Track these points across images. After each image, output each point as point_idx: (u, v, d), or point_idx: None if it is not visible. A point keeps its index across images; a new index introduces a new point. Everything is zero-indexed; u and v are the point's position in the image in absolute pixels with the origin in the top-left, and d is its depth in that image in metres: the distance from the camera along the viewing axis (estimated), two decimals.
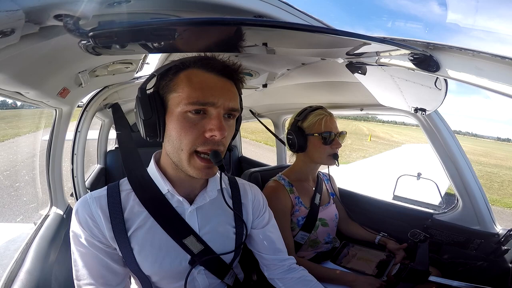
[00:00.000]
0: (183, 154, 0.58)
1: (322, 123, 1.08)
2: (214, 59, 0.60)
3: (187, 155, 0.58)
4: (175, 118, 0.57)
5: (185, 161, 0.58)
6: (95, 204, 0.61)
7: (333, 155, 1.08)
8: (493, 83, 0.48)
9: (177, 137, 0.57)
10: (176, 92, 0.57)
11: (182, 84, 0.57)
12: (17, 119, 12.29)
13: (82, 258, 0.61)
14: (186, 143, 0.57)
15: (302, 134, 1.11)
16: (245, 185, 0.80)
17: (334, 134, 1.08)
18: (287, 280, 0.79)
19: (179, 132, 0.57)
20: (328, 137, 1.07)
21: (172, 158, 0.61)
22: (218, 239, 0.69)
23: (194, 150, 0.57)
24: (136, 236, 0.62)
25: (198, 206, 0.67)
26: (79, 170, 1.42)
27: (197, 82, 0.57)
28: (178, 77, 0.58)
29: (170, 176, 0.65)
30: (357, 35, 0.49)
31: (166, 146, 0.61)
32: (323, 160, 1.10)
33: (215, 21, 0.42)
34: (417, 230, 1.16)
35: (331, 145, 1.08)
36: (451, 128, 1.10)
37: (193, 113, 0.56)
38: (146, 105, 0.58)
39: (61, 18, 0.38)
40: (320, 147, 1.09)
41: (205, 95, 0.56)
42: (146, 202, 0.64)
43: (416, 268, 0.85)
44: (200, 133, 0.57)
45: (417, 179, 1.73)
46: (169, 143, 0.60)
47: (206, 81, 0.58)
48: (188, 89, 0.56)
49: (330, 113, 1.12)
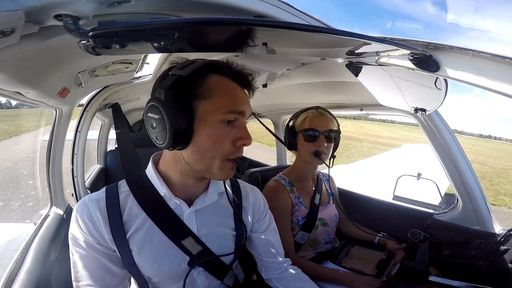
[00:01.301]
0: (215, 161, 0.58)
1: (307, 121, 1.09)
2: (235, 68, 0.61)
3: (219, 163, 0.59)
4: (210, 127, 0.56)
5: (216, 167, 0.59)
6: (93, 206, 0.61)
7: (314, 152, 1.08)
8: (493, 83, 0.48)
9: (211, 146, 0.57)
10: (209, 99, 0.56)
11: (217, 92, 0.56)
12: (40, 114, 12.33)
13: (81, 260, 0.61)
14: (221, 152, 0.58)
15: (293, 133, 1.13)
16: (247, 188, 0.80)
17: (319, 132, 1.07)
18: (282, 278, 0.81)
19: (214, 141, 0.57)
20: (309, 135, 1.08)
21: (196, 165, 0.59)
22: (216, 241, 0.69)
23: (227, 158, 0.59)
24: (134, 238, 0.62)
25: (197, 209, 0.67)
26: (79, 170, 1.42)
27: (231, 91, 0.58)
28: (209, 83, 0.57)
29: (173, 180, 0.65)
30: (357, 35, 0.49)
31: (187, 154, 0.59)
32: (307, 158, 1.11)
33: (215, 21, 0.42)
34: (417, 230, 1.16)
35: (314, 142, 1.08)
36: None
37: (227, 122, 0.57)
38: (177, 112, 0.53)
39: (61, 18, 0.38)
40: (304, 144, 1.10)
41: (239, 104, 0.58)
42: (144, 204, 0.64)
43: (416, 268, 0.85)
44: (231, 141, 0.58)
45: (417, 179, 1.73)
46: (196, 152, 0.58)
47: (236, 90, 0.60)
48: (224, 97, 0.57)
49: (322, 112, 1.12)
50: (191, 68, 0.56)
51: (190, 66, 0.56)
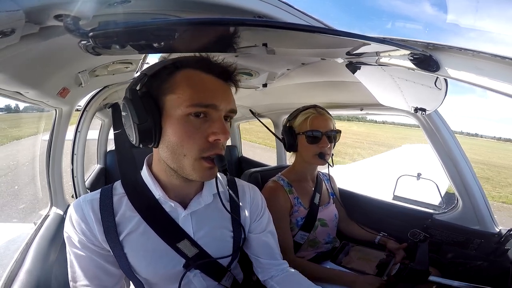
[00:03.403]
0: (186, 160, 0.56)
1: (308, 122, 1.08)
2: (210, 60, 0.59)
3: (192, 161, 0.56)
4: (175, 122, 0.54)
5: (188, 166, 0.56)
6: (87, 207, 0.61)
7: (319, 154, 1.07)
8: (493, 82, 0.48)
9: (178, 143, 0.55)
10: (174, 94, 0.54)
11: (182, 85, 0.54)
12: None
13: (77, 260, 0.61)
14: (190, 149, 0.55)
15: (292, 134, 1.11)
16: (244, 187, 0.79)
17: (322, 133, 1.07)
18: (279, 280, 0.80)
19: (181, 137, 0.54)
20: (312, 136, 1.06)
21: (170, 164, 0.58)
22: (214, 243, 0.68)
23: (200, 156, 0.56)
24: (128, 241, 0.62)
25: (192, 211, 0.66)
26: (79, 170, 1.42)
27: (198, 83, 0.55)
28: (175, 78, 0.55)
29: (163, 181, 0.64)
30: (357, 35, 0.49)
31: (161, 152, 0.58)
32: (310, 159, 1.10)
33: (215, 21, 0.42)
34: (417, 230, 1.16)
35: (317, 144, 1.07)
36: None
37: (194, 116, 0.54)
38: (140, 107, 0.53)
39: (61, 18, 0.38)
40: (306, 146, 1.09)
41: (207, 97, 0.55)
42: (139, 206, 0.63)
43: (416, 268, 0.85)
44: (203, 137, 0.55)
45: (417, 179, 1.73)
46: (166, 149, 0.56)
47: (206, 83, 0.56)
48: (189, 90, 0.54)
49: (321, 112, 1.11)
50: (157, 66, 0.56)
51: (157, 64, 0.57)
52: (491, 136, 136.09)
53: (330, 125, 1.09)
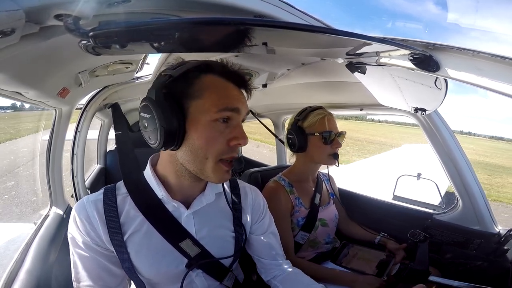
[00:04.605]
0: (208, 162, 0.57)
1: (322, 123, 1.08)
2: (230, 68, 0.61)
3: (213, 164, 0.57)
4: (201, 126, 0.55)
5: (209, 169, 0.58)
6: (91, 207, 0.61)
7: (334, 154, 1.08)
8: (493, 83, 0.48)
9: (202, 146, 0.56)
10: (201, 99, 0.55)
11: (209, 91, 0.56)
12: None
13: (80, 261, 0.61)
14: (213, 152, 0.56)
15: (303, 134, 1.10)
16: (246, 188, 0.79)
17: (334, 134, 1.08)
18: (283, 280, 0.80)
19: (206, 141, 0.56)
20: (328, 137, 1.07)
21: (190, 166, 0.59)
22: (215, 243, 0.68)
23: (220, 159, 0.58)
24: (132, 240, 0.62)
25: (195, 210, 0.67)
26: (79, 170, 1.42)
27: (223, 89, 0.57)
28: (202, 82, 0.56)
29: (170, 182, 0.64)
30: (357, 35, 0.49)
31: (181, 154, 0.58)
32: (323, 160, 1.10)
33: (215, 21, 0.42)
34: (417, 230, 1.16)
35: (331, 144, 1.08)
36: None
37: (221, 121, 0.56)
38: (167, 110, 0.53)
39: (61, 18, 0.38)
40: (321, 146, 1.08)
41: (232, 102, 0.57)
42: (142, 206, 0.63)
43: (416, 268, 0.85)
44: (225, 141, 0.57)
45: (417, 179, 1.73)
46: (189, 152, 0.57)
47: (228, 88, 0.59)
48: (217, 96, 0.56)
49: (330, 113, 1.12)
50: (183, 68, 0.56)
51: (182, 66, 0.56)
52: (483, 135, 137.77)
53: (337, 126, 1.12)
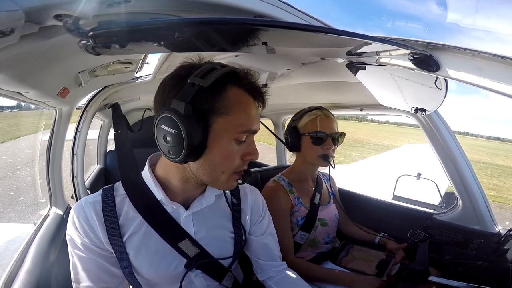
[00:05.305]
0: (223, 175, 0.59)
1: (314, 123, 1.08)
2: (251, 80, 0.59)
3: (227, 177, 0.59)
4: (222, 144, 0.55)
5: (223, 180, 0.59)
6: (90, 209, 0.61)
7: (323, 156, 1.07)
8: (493, 83, 0.48)
9: (222, 162, 0.57)
10: (226, 116, 0.54)
11: (234, 109, 0.55)
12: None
13: (80, 262, 0.61)
14: (231, 168, 0.58)
15: (296, 134, 1.11)
16: (246, 189, 0.79)
17: (326, 135, 1.06)
18: (277, 281, 0.80)
19: (225, 158, 0.56)
20: (316, 137, 1.06)
21: (202, 177, 0.59)
22: (214, 243, 0.68)
23: (234, 172, 0.59)
24: (131, 242, 0.62)
25: (194, 212, 0.67)
26: (79, 170, 1.42)
27: (247, 109, 0.57)
28: (227, 97, 0.54)
29: (173, 185, 0.64)
30: (357, 35, 0.49)
31: (197, 166, 0.57)
32: (314, 160, 1.10)
33: (215, 21, 0.42)
34: (417, 230, 1.16)
35: (322, 145, 1.07)
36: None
37: (239, 142, 0.57)
38: (195, 128, 0.50)
39: (61, 18, 0.38)
40: (311, 147, 1.09)
41: (253, 124, 0.58)
42: (140, 207, 0.63)
43: (416, 268, 0.85)
44: (241, 157, 0.58)
45: (417, 179, 1.73)
46: (207, 166, 0.57)
47: (251, 107, 0.58)
48: (241, 115, 0.56)
49: (327, 114, 1.11)
50: (212, 77, 0.51)
51: (212, 75, 0.52)
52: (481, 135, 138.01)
53: (334, 127, 1.10)
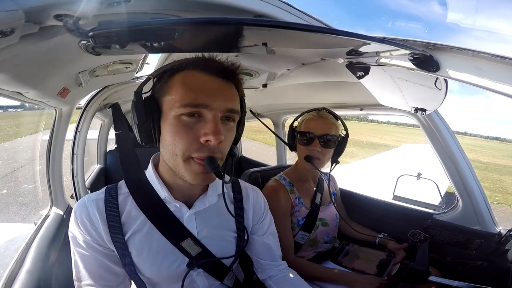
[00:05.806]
0: (178, 159, 0.55)
1: (306, 124, 1.09)
2: (212, 60, 0.58)
3: (182, 161, 0.55)
4: (169, 122, 0.55)
5: (180, 166, 0.56)
6: (92, 207, 0.61)
7: (306, 157, 1.07)
8: (493, 83, 0.48)
9: (171, 142, 0.55)
10: (169, 95, 0.55)
11: (176, 86, 0.55)
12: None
13: (81, 260, 0.61)
14: (180, 148, 0.54)
15: (293, 134, 1.14)
16: (248, 188, 0.79)
17: (315, 136, 1.05)
18: (277, 280, 0.80)
19: (173, 137, 0.54)
20: (304, 137, 1.07)
21: (169, 163, 0.59)
22: (217, 243, 0.69)
23: (189, 156, 0.55)
24: (133, 240, 0.62)
25: (197, 211, 0.67)
26: (79, 170, 1.42)
27: (191, 84, 0.55)
28: (173, 79, 0.56)
29: (168, 181, 0.64)
30: (357, 35, 0.49)
31: (162, 152, 0.59)
32: (302, 160, 1.10)
33: (215, 21, 0.42)
34: (417, 230, 1.16)
35: (308, 146, 1.06)
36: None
37: (187, 116, 0.54)
38: (141, 109, 0.56)
39: (61, 18, 0.38)
40: (299, 147, 1.10)
41: (198, 97, 0.54)
42: (143, 206, 0.63)
43: (416, 268, 0.85)
44: (195, 137, 0.54)
45: (417, 179, 1.73)
46: (164, 148, 0.57)
47: (201, 83, 0.55)
48: (181, 90, 0.54)
49: (322, 115, 1.09)
50: (161, 69, 0.59)
51: (162, 67, 0.59)
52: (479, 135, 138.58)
53: (327, 129, 1.06)
